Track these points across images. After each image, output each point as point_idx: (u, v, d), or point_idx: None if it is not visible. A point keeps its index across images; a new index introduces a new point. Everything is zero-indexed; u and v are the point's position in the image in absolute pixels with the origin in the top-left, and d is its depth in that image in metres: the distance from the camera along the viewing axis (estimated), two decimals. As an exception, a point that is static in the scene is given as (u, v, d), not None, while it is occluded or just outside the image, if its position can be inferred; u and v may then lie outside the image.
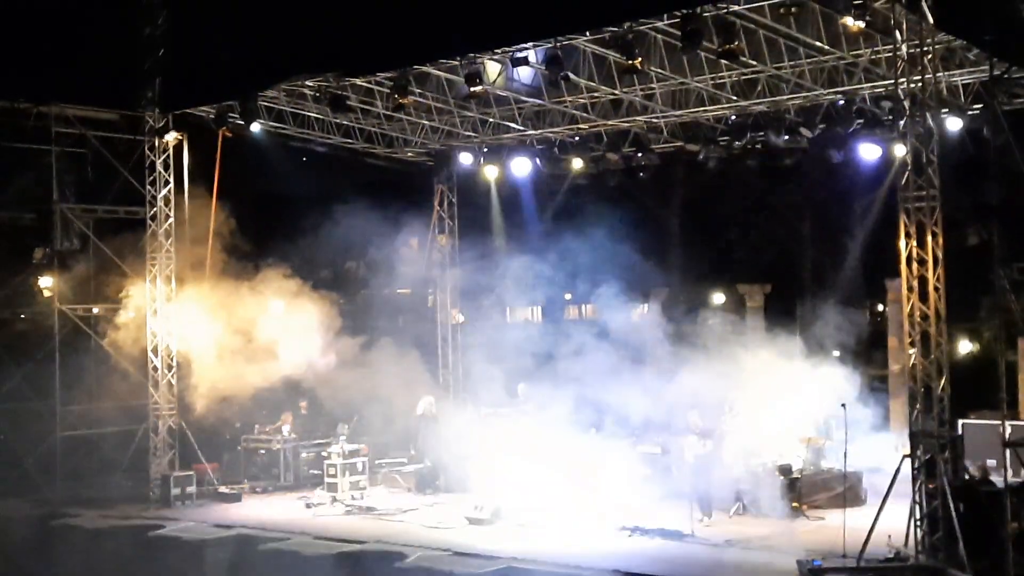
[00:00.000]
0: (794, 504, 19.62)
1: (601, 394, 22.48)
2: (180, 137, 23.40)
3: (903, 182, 16.46)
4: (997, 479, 17.19)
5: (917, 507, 16.20)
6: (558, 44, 19.46)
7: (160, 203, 23.43)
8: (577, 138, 25.11)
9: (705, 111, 23.08)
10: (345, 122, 25.00)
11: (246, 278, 23.73)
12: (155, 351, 23.47)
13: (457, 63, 20.74)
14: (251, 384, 23.38)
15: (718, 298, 31.58)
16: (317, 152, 25.87)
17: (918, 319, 16.43)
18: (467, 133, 25.87)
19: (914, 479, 16.29)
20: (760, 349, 22.01)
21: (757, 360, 21.64)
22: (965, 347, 29.65)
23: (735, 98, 22.27)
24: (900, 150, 16.75)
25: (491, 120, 25.02)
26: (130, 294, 23.97)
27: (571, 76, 20.46)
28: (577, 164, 25.57)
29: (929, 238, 16.38)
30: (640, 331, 24.54)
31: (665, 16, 18.60)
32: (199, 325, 23.46)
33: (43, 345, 24.42)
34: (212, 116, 22.93)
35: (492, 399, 24.97)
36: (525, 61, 20.02)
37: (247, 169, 24.68)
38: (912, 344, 16.47)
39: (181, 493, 22.58)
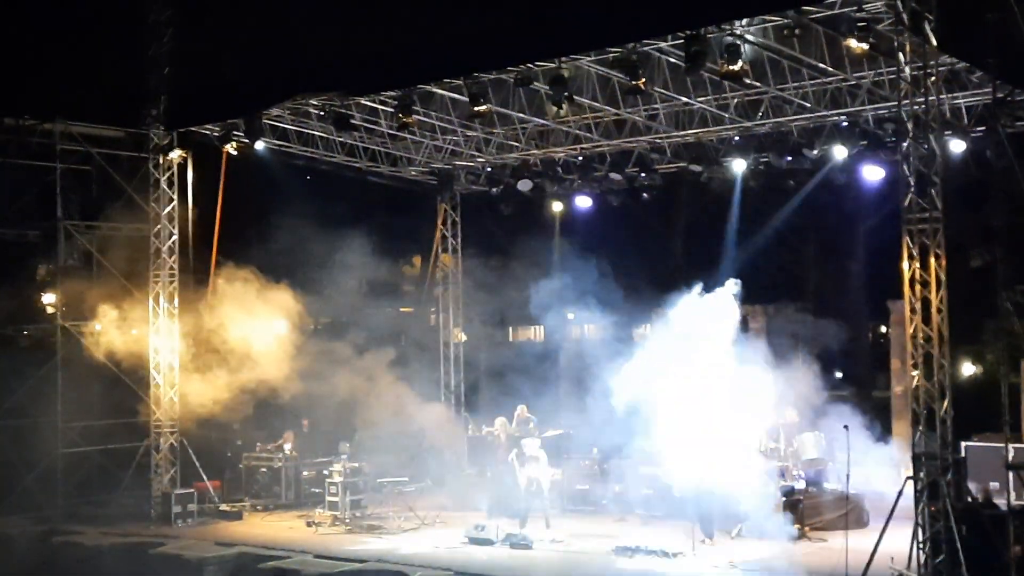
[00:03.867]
0: (796, 526, 19.57)
1: (601, 413, 22.44)
2: (185, 155, 23.45)
3: (906, 204, 16.47)
4: (1000, 502, 17.16)
5: (920, 529, 16.15)
6: (562, 64, 19.53)
7: (164, 220, 23.48)
8: (580, 158, 25.20)
9: (708, 132, 23.15)
10: (349, 141, 25.10)
11: (246, 296, 23.72)
12: (157, 368, 23.47)
13: (461, 83, 20.81)
14: (250, 402, 23.44)
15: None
16: (321, 171, 25.96)
17: (921, 341, 16.42)
18: (471, 152, 25.96)
19: (917, 501, 16.25)
20: (762, 370, 21.94)
21: (759, 381, 21.59)
22: (968, 369, 29.60)
23: (739, 119, 22.34)
24: (904, 172, 16.77)
25: (494, 139, 25.10)
26: (107, 311, 23.96)
27: (575, 96, 20.53)
28: (581, 184, 25.66)
29: (932, 260, 16.39)
30: (642, 351, 24.49)
31: (669, 37, 18.68)
32: (199, 342, 23.49)
33: (45, 362, 24.43)
34: (217, 134, 23.01)
35: (492, 418, 24.99)
36: (529, 82, 20.08)
37: (251, 187, 24.74)
38: (915, 366, 16.46)
39: (182, 511, 22.54)
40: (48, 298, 25.99)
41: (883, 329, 32.16)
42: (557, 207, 27.54)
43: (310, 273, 25.20)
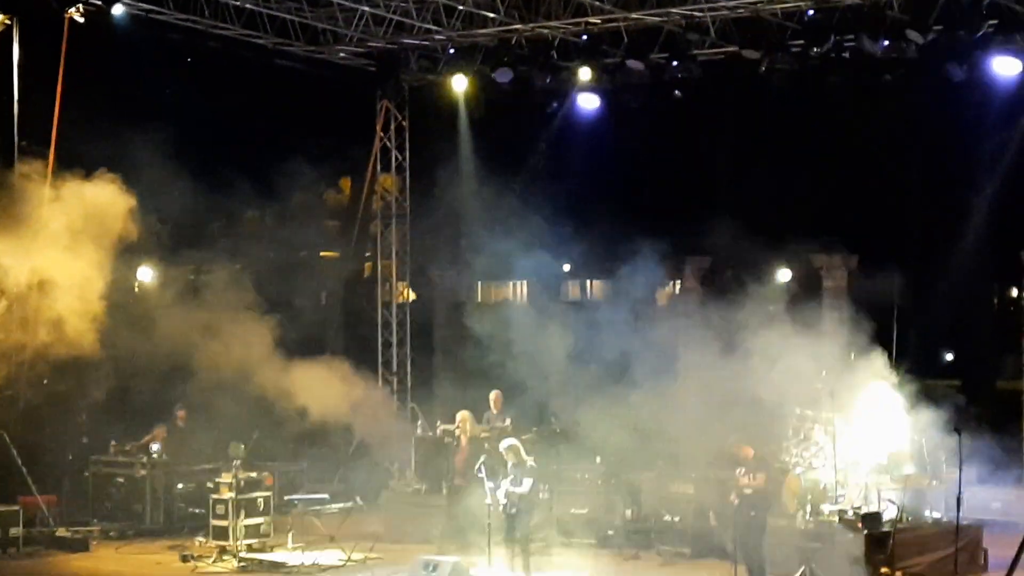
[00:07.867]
0: (883, 569, 19.79)
1: (612, 408, 22.60)
2: (7, 22, 23.38)
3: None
4: None
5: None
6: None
7: (-23, 117, 23.50)
8: (585, 37, 25.22)
9: (771, 2, 23.18)
10: (248, 5, 25.01)
11: (94, 222, 23.62)
12: (-35, 329, 23.52)
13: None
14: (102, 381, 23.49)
15: (783, 274, 31.71)
16: (207, 48, 25.89)
17: (1069, 307, 16.58)
18: (426, 26, 25.89)
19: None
20: (839, 350, 22.14)
21: (835, 366, 21.77)
22: None
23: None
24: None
25: (461, 8, 25.04)
26: None
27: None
28: (584, 75, 25.70)
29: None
30: (669, 319, 24.67)
31: None
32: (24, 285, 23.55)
33: None
34: (56, -8, 22.95)
35: (451, 412, 25.09)
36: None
37: (105, 70, 24.67)
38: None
39: (3, 537, 22.64)
40: None
41: (1014, 292, 32.42)
42: (550, 107, 27.55)
43: (189, 198, 25.15)
